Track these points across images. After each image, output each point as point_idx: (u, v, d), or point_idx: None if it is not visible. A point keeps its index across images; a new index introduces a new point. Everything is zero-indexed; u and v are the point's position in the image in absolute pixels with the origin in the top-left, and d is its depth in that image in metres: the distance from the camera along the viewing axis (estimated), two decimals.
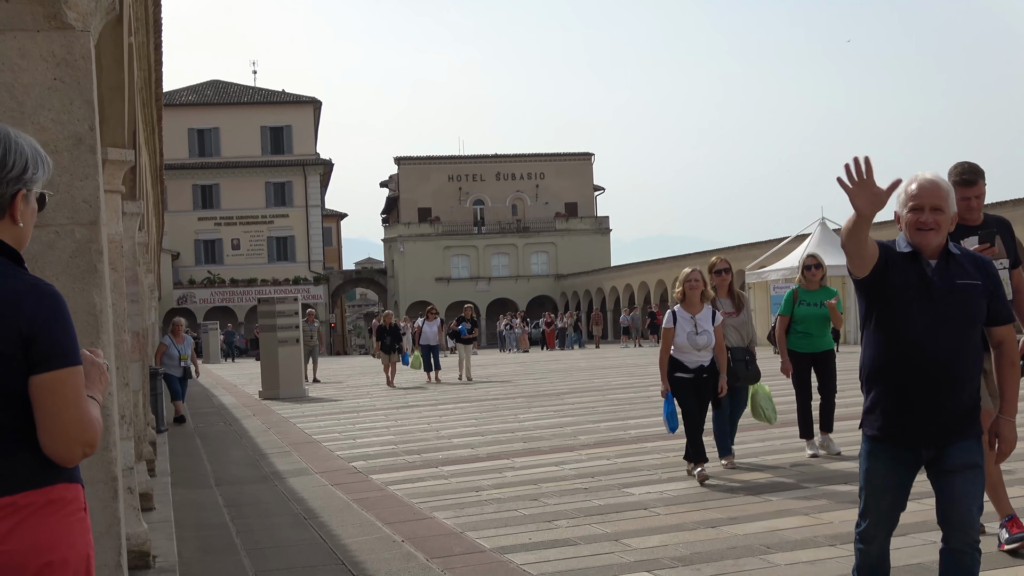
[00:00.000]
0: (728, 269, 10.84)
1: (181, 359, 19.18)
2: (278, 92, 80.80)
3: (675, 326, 9.90)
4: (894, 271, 4.36)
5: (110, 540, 3.88)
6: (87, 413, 2.62)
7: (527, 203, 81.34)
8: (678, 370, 9.89)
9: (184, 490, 11.11)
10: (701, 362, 9.85)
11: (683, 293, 10.02)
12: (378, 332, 27.97)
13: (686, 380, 9.86)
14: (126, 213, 9.32)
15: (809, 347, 10.88)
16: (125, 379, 7.34)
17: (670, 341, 9.95)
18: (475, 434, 14.47)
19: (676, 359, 9.91)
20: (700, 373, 9.85)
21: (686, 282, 10.00)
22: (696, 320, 9.83)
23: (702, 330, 9.79)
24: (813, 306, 10.80)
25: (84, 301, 3.85)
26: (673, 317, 9.97)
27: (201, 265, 75.91)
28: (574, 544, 7.27)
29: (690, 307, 9.95)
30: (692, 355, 9.82)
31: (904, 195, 4.41)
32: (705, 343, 9.78)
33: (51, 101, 3.84)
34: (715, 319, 9.93)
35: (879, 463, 4.49)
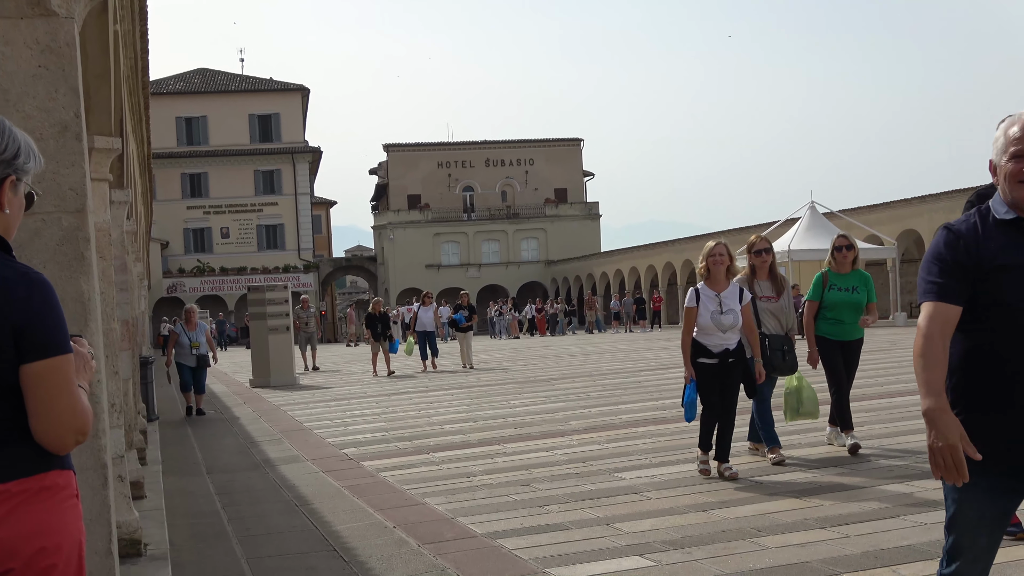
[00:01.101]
0: (769, 249, 9.92)
1: (192, 347, 18.36)
2: (266, 80, 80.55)
3: (698, 305, 8.98)
4: (996, 257, 3.34)
5: (100, 527, 3.88)
6: (79, 401, 2.63)
7: (517, 189, 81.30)
8: (701, 355, 9.02)
9: (175, 478, 11.10)
10: (726, 345, 8.99)
11: (706, 268, 9.14)
12: (367, 320, 27.35)
13: (709, 367, 8.99)
14: (114, 201, 9.28)
15: (840, 334, 9.87)
16: (115, 368, 7.32)
17: (693, 321, 9.01)
18: (466, 420, 14.48)
19: (698, 342, 9.04)
20: (725, 358, 9.00)
21: (709, 257, 9.10)
22: (721, 298, 8.96)
23: (727, 309, 8.91)
24: (845, 291, 9.85)
25: (72, 289, 3.83)
26: (696, 295, 9.04)
27: (191, 254, 75.75)
28: (566, 529, 7.29)
29: (714, 284, 9.07)
30: (716, 337, 8.95)
31: (1003, 139, 3.38)
32: (731, 323, 8.91)
33: (36, 89, 3.82)
34: (743, 297, 9.07)
35: (976, 492, 3.45)
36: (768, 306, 9.61)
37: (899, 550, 6.09)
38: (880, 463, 9.00)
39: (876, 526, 6.72)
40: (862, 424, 11.27)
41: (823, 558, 6.03)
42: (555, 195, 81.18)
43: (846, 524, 6.83)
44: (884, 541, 6.33)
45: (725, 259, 9.07)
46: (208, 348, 18.71)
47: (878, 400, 13.06)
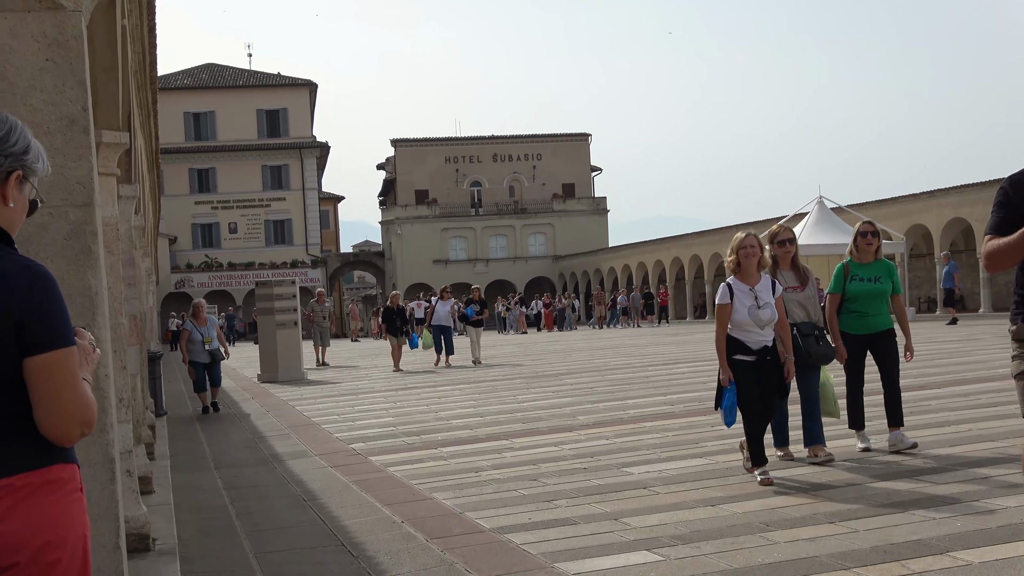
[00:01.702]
0: (793, 239, 9.51)
1: (205, 342, 17.98)
2: (274, 75, 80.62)
3: (732, 300, 8.47)
4: None
5: (108, 522, 3.87)
6: (84, 393, 2.62)
7: (524, 184, 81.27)
8: (737, 352, 8.51)
9: (183, 473, 11.12)
10: (765, 342, 8.50)
11: (737, 262, 8.61)
12: (385, 314, 26.83)
13: (748, 364, 8.47)
14: (122, 196, 9.28)
15: (864, 328, 9.40)
16: (123, 362, 7.32)
17: (727, 318, 8.50)
18: (474, 415, 14.48)
19: (735, 339, 8.52)
20: (764, 355, 8.50)
21: (740, 249, 8.57)
22: (756, 292, 8.47)
23: (764, 303, 8.42)
24: (867, 281, 9.38)
25: (79, 283, 3.83)
26: (729, 291, 8.51)
27: (198, 249, 75.87)
28: (574, 523, 7.28)
29: (747, 277, 8.56)
30: (754, 333, 8.46)
31: None
32: (769, 318, 8.44)
33: (43, 82, 3.81)
34: (775, 290, 8.59)
35: None
36: (794, 296, 9.21)
37: (908, 545, 6.07)
38: (888, 458, 8.96)
39: (885, 521, 6.70)
40: (870, 419, 11.24)
41: (832, 553, 6.01)
42: (563, 190, 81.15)
43: (855, 519, 6.81)
44: (893, 536, 6.31)
45: (757, 251, 8.57)
46: (220, 342, 18.42)
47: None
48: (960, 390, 13.27)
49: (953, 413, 11.30)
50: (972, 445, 9.20)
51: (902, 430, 9.31)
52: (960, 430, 10.10)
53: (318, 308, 30.01)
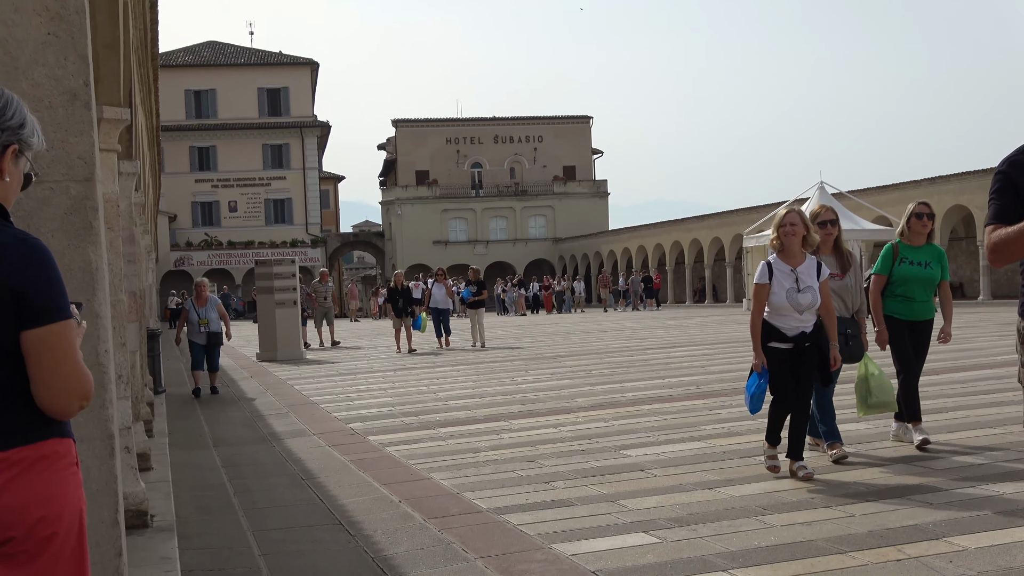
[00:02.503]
0: (835, 221, 8.76)
1: (201, 324, 17.23)
2: (275, 53, 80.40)
3: (771, 281, 7.86)
4: None
5: (107, 497, 3.88)
6: (82, 366, 2.63)
7: (525, 166, 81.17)
8: (773, 338, 7.91)
9: (182, 451, 11.13)
10: (803, 328, 7.87)
11: (779, 241, 7.96)
12: (389, 294, 26.11)
13: (783, 352, 7.91)
14: (122, 173, 9.27)
15: (909, 313, 8.88)
16: (122, 339, 7.33)
17: (764, 300, 7.90)
18: (473, 396, 14.49)
19: (771, 324, 7.93)
20: (801, 342, 7.89)
21: (781, 227, 7.88)
22: (798, 274, 7.83)
23: (805, 286, 7.78)
24: (917, 265, 8.85)
25: (79, 258, 3.82)
26: (768, 270, 7.90)
27: (198, 227, 75.83)
28: (571, 505, 7.29)
29: (789, 257, 7.90)
30: (792, 319, 7.84)
31: None
32: (809, 303, 7.80)
33: (45, 56, 3.80)
34: (820, 273, 7.94)
35: None
36: (832, 284, 8.44)
37: (904, 529, 6.09)
38: (887, 444, 8.98)
39: (882, 505, 6.72)
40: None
41: (828, 537, 6.03)
42: (563, 172, 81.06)
43: (852, 503, 6.82)
44: (889, 520, 6.33)
45: (800, 228, 7.86)
46: (221, 324, 17.56)
47: None
48: (958, 377, 13.30)
49: (951, 400, 11.32)
50: (969, 432, 9.22)
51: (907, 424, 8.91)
52: (957, 416, 10.12)
53: (321, 288, 29.45)
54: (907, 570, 5.32)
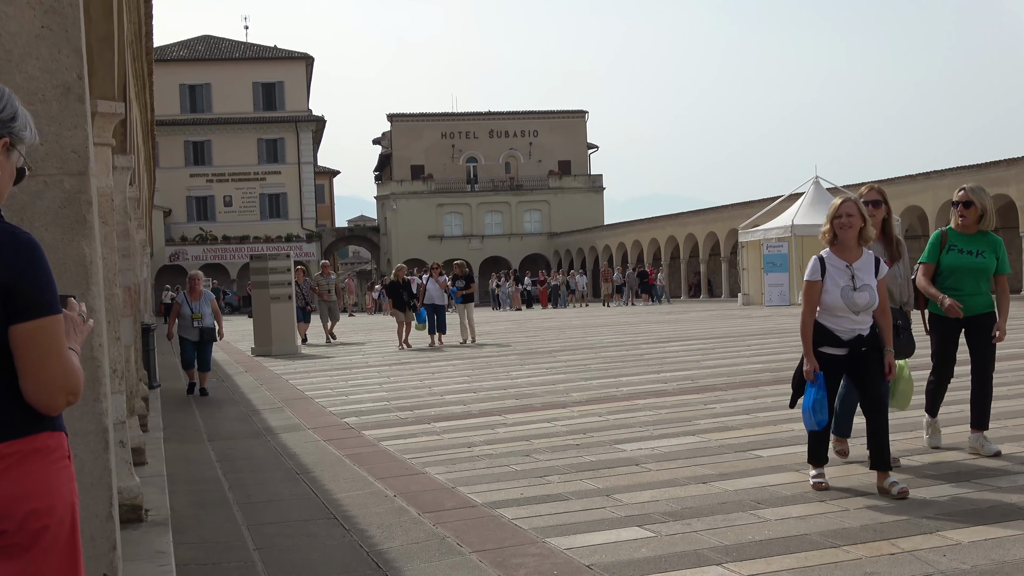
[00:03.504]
0: (880, 202, 7.92)
1: (194, 318, 16.43)
2: (270, 48, 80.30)
3: (823, 278, 7.15)
4: None
5: (101, 491, 3.88)
6: (70, 361, 2.62)
7: (520, 161, 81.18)
8: (826, 342, 7.17)
9: (176, 445, 11.13)
10: (859, 330, 7.12)
11: (832, 233, 7.24)
12: (391, 288, 25.47)
13: (837, 359, 7.18)
14: (117, 167, 9.26)
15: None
16: (116, 333, 7.32)
17: (816, 299, 7.17)
18: (467, 391, 14.50)
19: (823, 326, 7.18)
20: (858, 347, 7.14)
21: (835, 218, 7.17)
22: (854, 270, 7.12)
23: (862, 284, 7.07)
24: (967, 254, 8.03)
25: (73, 252, 3.82)
26: (820, 265, 7.20)
27: (193, 222, 75.79)
28: (565, 499, 7.30)
29: (844, 252, 7.20)
30: (847, 320, 7.11)
31: None
32: (867, 303, 7.05)
33: (39, 49, 3.79)
34: (879, 270, 7.20)
35: None
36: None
37: (898, 523, 6.10)
38: None
39: (875, 500, 6.73)
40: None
41: (822, 531, 6.04)
42: (559, 167, 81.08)
43: (846, 497, 6.84)
44: (883, 515, 6.34)
45: (856, 220, 7.14)
46: (214, 320, 16.75)
47: None
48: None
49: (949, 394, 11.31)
50: (965, 426, 9.23)
51: (986, 434, 8.14)
52: (952, 411, 10.12)
53: (323, 281, 28.68)
54: (901, 564, 5.33)
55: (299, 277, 28.59)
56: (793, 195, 43.30)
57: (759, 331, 24.04)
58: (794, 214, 39.78)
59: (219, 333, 16.96)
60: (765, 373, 14.48)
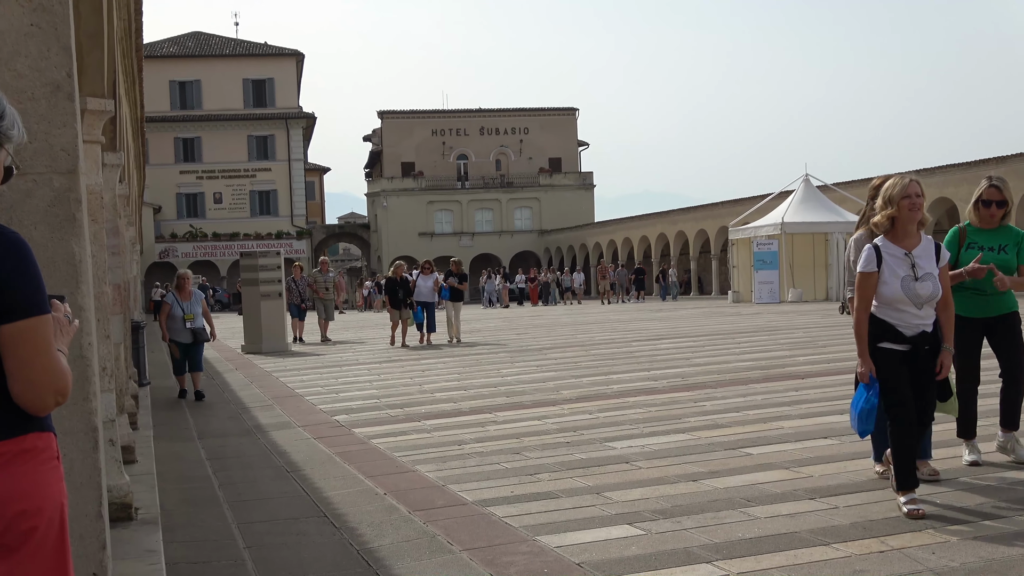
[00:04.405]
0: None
1: (186, 319, 15.61)
2: (260, 44, 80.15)
3: (880, 268, 6.39)
4: None
5: (91, 490, 3.87)
6: (58, 361, 2.60)
7: (511, 158, 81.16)
8: (885, 338, 6.41)
9: (166, 443, 11.11)
10: (923, 326, 6.40)
11: (889, 218, 6.45)
12: (388, 286, 24.89)
13: (896, 356, 6.41)
14: (106, 164, 9.22)
15: (982, 310, 7.50)
16: (106, 331, 7.30)
17: (871, 292, 6.42)
18: (458, 389, 14.49)
19: (882, 321, 6.43)
20: (921, 344, 6.41)
21: (904, 198, 6.36)
22: (914, 258, 6.38)
23: (924, 273, 6.35)
24: (988, 251, 7.47)
25: (63, 250, 3.81)
26: (876, 254, 6.42)
27: (183, 219, 75.63)
28: (556, 497, 7.30)
29: (903, 238, 6.44)
30: (909, 314, 6.38)
31: None
32: (930, 294, 6.34)
33: (28, 47, 3.78)
34: (940, 257, 6.50)
35: None
36: None
37: (887, 521, 6.11)
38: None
39: (865, 497, 6.75)
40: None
41: (812, 528, 6.05)
42: (549, 164, 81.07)
43: (835, 495, 6.85)
44: (873, 512, 6.35)
45: (923, 203, 6.44)
46: (205, 321, 16.03)
47: None
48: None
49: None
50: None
51: (1016, 434, 7.65)
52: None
53: (320, 278, 27.89)
54: (890, 561, 5.35)
55: (296, 274, 28.52)
56: (783, 193, 43.37)
57: (749, 328, 24.08)
58: (784, 212, 39.84)
59: (211, 334, 16.22)
60: (755, 371, 14.50)
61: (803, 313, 29.98)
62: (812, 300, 38.25)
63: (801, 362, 15.37)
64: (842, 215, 39.73)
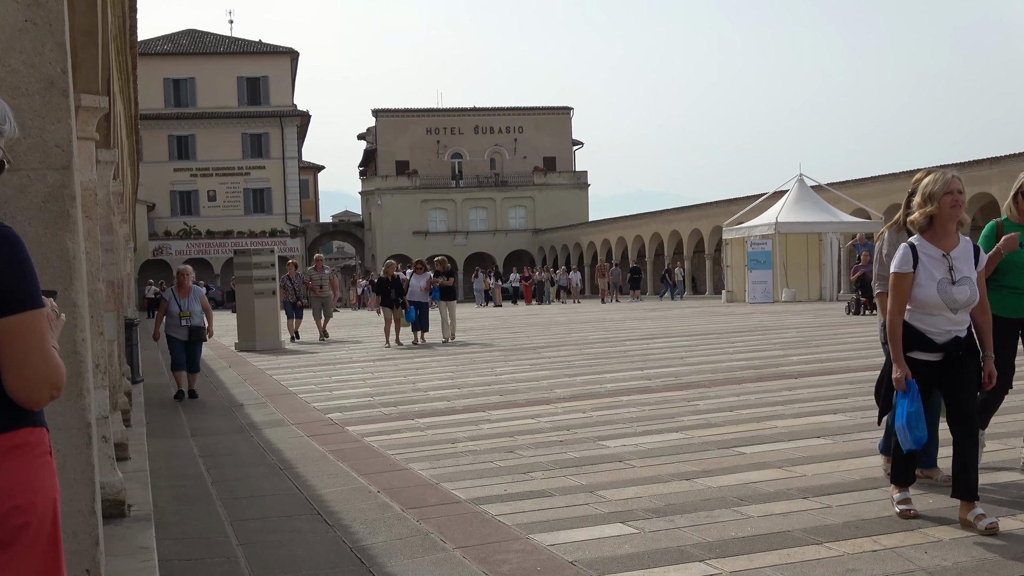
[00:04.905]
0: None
1: (182, 316, 15.15)
2: (255, 42, 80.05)
3: (915, 269, 6.00)
4: None
5: (84, 486, 3.86)
6: (52, 356, 2.60)
7: (505, 157, 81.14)
8: (918, 346, 6.05)
9: (159, 440, 11.10)
10: (956, 332, 6.00)
11: (927, 217, 6.05)
12: (379, 285, 24.79)
13: (931, 366, 6.05)
14: (100, 161, 9.22)
15: (1018, 309, 7.04)
16: (100, 328, 7.29)
17: (906, 294, 6.03)
18: (451, 387, 14.49)
19: (913, 328, 6.05)
20: (954, 351, 5.99)
21: (946, 195, 5.98)
22: (951, 260, 5.99)
23: (961, 277, 5.97)
24: None
25: (57, 247, 3.80)
26: (912, 254, 6.03)
27: (177, 216, 75.54)
28: (549, 495, 7.31)
29: (941, 238, 6.05)
30: (943, 320, 5.99)
31: None
32: (967, 299, 5.95)
33: (22, 43, 3.77)
34: (979, 260, 6.15)
35: None
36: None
37: (880, 521, 6.12)
38: (864, 435, 9.03)
39: (858, 497, 6.76)
40: (846, 396, 11.33)
41: (805, 527, 6.06)
42: (544, 163, 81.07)
43: (828, 495, 6.86)
44: (865, 512, 6.36)
45: (964, 200, 6.06)
46: (204, 318, 15.56)
47: (860, 373, 13.10)
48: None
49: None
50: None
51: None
52: None
53: (316, 276, 27.61)
54: (883, 561, 5.36)
55: (291, 272, 28.32)
56: (777, 192, 43.40)
57: (743, 328, 24.10)
58: (778, 212, 39.86)
59: (208, 332, 15.87)
60: (749, 370, 14.51)
61: (796, 313, 30.01)
62: (806, 300, 38.29)
63: (794, 362, 15.38)
64: (836, 215, 39.78)
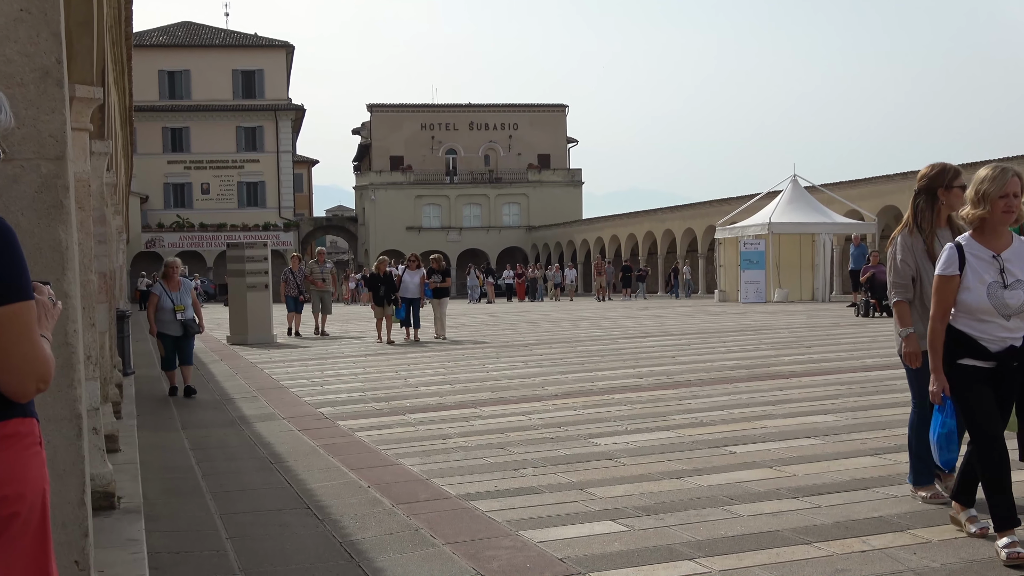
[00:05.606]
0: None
1: (176, 310, 14.64)
2: (250, 35, 79.97)
3: (962, 272, 5.53)
4: None
5: (74, 478, 3.86)
6: (41, 348, 2.59)
7: (500, 154, 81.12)
8: (967, 354, 5.53)
9: (150, 433, 11.09)
10: (1011, 340, 5.48)
11: (979, 217, 5.58)
12: (370, 281, 24.40)
13: (982, 372, 5.51)
14: (94, 152, 9.20)
15: None
16: (91, 320, 7.27)
17: (950, 299, 5.57)
18: (443, 383, 14.49)
19: (963, 334, 5.55)
20: (1008, 361, 5.48)
21: (1001, 198, 5.48)
22: (1003, 261, 5.50)
23: (1014, 280, 5.47)
24: None
25: (49, 237, 3.80)
26: (958, 255, 5.56)
27: (170, 209, 75.42)
28: (539, 492, 7.31)
29: (992, 239, 5.57)
30: (995, 326, 5.49)
31: None
32: (1020, 305, 5.44)
33: (17, 32, 3.76)
34: None
35: None
36: None
37: (870, 521, 6.14)
38: (853, 435, 9.05)
39: (848, 497, 6.77)
40: (837, 397, 11.35)
41: (794, 527, 6.07)
42: (538, 160, 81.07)
43: (818, 494, 6.87)
44: (855, 512, 6.38)
45: (1020, 206, 5.54)
46: (195, 312, 15.05)
47: (852, 374, 13.13)
48: None
49: None
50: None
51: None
52: None
53: (317, 269, 27.25)
54: (871, 561, 5.37)
55: (294, 265, 28.02)
56: (771, 193, 43.43)
57: (735, 328, 24.13)
58: (771, 212, 39.89)
59: (200, 326, 15.27)
60: (740, 370, 14.53)
61: (789, 313, 30.05)
62: (798, 300, 38.33)
63: (786, 362, 15.40)
64: (829, 216, 39.82)
